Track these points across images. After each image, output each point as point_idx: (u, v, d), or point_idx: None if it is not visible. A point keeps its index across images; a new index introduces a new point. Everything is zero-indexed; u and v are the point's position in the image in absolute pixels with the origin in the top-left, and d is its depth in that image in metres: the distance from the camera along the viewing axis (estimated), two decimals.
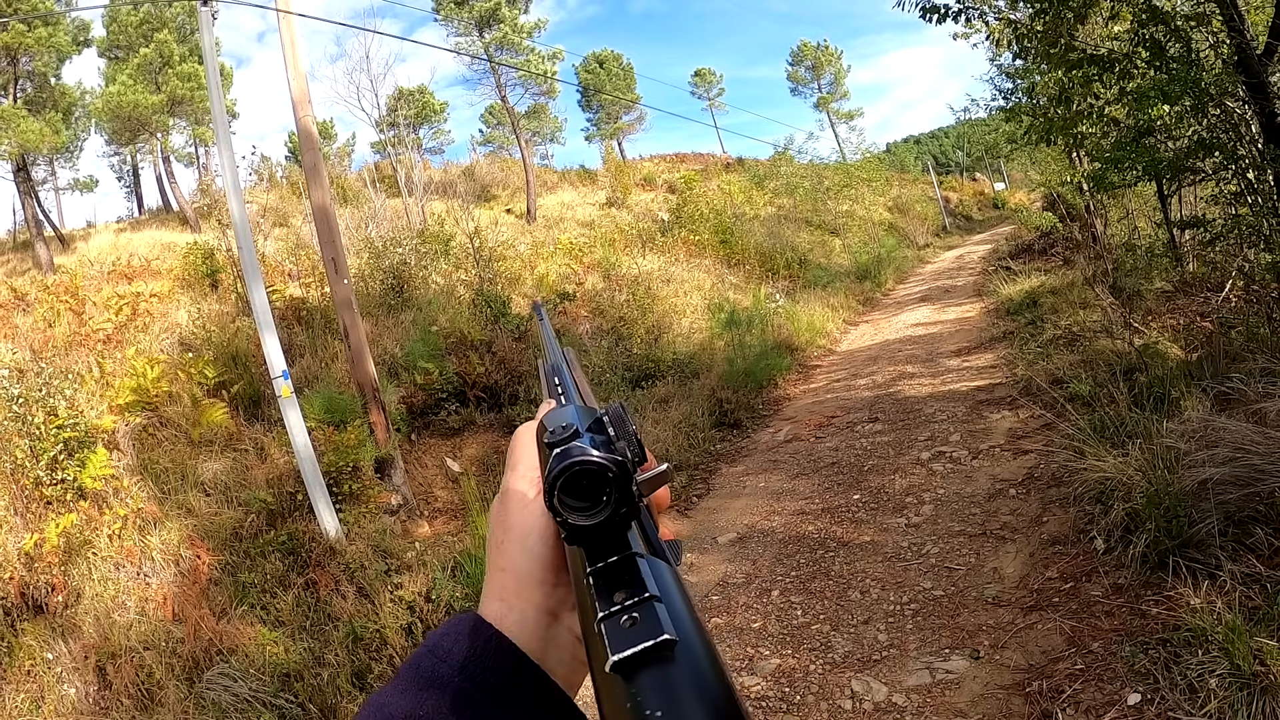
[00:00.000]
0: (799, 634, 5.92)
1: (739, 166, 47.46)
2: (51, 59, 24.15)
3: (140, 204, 41.32)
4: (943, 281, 25.75)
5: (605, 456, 0.62)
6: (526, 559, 0.75)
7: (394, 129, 33.31)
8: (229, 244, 15.52)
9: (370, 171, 32.47)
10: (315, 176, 10.45)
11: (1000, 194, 66.03)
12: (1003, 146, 25.93)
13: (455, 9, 33.36)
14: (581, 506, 0.62)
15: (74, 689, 6.94)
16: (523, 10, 34.64)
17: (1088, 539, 5.86)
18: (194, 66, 26.63)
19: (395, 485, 10.02)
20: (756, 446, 11.22)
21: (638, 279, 18.87)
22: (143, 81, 26.07)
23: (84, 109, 27.76)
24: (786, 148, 39.77)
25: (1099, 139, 10.75)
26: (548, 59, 35.12)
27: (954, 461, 8.46)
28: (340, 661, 6.86)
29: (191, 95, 26.74)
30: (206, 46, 10.10)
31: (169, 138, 29.32)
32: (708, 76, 66.56)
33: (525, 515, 0.77)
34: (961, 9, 9.29)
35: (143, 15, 26.58)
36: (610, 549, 0.62)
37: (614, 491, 0.62)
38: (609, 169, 41.48)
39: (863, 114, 69.40)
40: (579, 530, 0.62)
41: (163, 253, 20.66)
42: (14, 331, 13.92)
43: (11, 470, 8.97)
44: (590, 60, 53.55)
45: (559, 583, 0.75)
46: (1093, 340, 10.61)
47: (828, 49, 67.52)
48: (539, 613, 0.74)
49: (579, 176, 43.84)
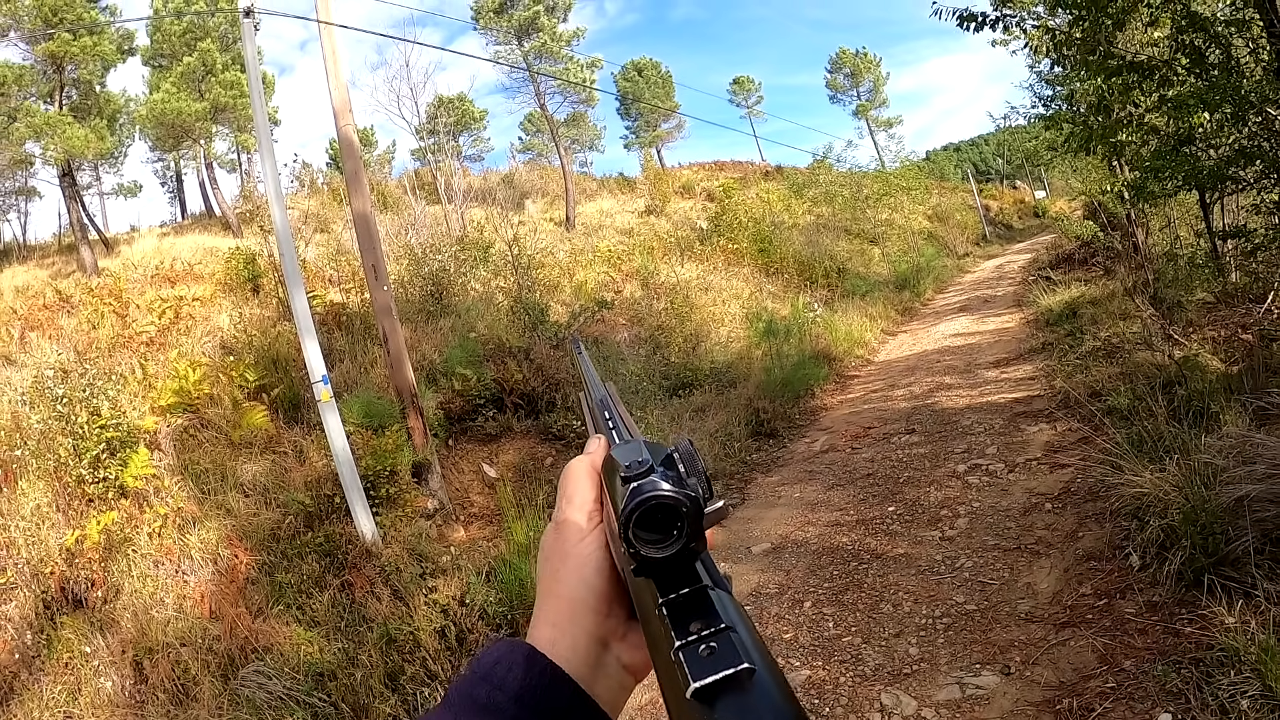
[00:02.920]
0: (830, 646, 5.92)
1: (778, 174, 47.37)
2: (97, 67, 24.43)
3: (183, 209, 41.68)
4: (982, 291, 25.62)
5: (680, 492, 0.64)
6: (583, 588, 0.78)
7: (434, 136, 33.45)
8: (271, 249, 15.65)
9: (410, 178, 32.60)
10: (356, 184, 10.55)
11: (1041, 202, 65.34)
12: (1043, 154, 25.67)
13: (494, 18, 33.48)
14: (654, 539, 0.64)
15: (110, 682, 7.05)
16: (561, 19, 34.71)
17: (1123, 555, 5.82)
18: (236, 75, 26.84)
19: (432, 490, 10.09)
20: (792, 457, 11.21)
21: (676, 287, 18.88)
22: (186, 89, 26.31)
23: (128, 116, 28.06)
24: (825, 156, 39.60)
25: (1138, 148, 10.64)
26: (586, 67, 35.17)
27: (990, 474, 8.41)
28: (374, 662, 6.92)
29: (234, 103, 26.96)
30: (249, 56, 10.21)
31: (212, 144, 29.61)
32: (746, 84, 66.21)
33: (582, 546, 0.80)
34: (999, 17, 9.24)
35: (186, 25, 26.82)
36: (681, 581, 0.65)
37: (686, 526, 0.64)
38: (648, 177, 41.42)
39: (902, 121, 68.73)
40: (651, 562, 0.65)
41: (205, 257, 20.87)
42: (59, 332, 14.13)
43: (54, 468, 9.15)
44: (629, 68, 53.52)
45: (610, 613, 0.78)
46: (1132, 352, 10.51)
47: (866, 56, 67.02)
48: (591, 640, 0.76)
49: (618, 184, 43.85)
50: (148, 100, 27.11)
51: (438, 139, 33.61)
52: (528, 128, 52.57)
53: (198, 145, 29.18)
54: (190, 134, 27.60)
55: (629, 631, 0.78)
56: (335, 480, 9.29)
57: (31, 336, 14.02)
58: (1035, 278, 22.44)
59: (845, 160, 39.61)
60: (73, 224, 23.72)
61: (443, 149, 32.91)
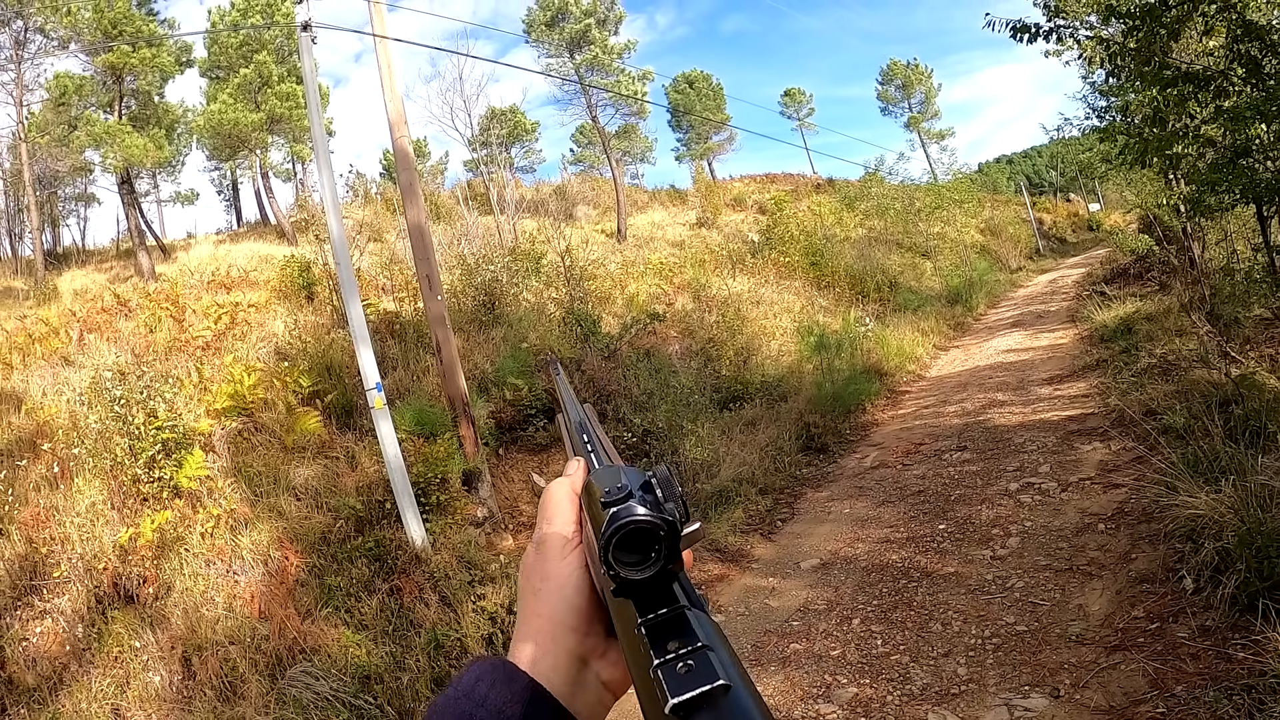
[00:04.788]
0: (878, 664, 5.90)
1: (829, 187, 47.08)
2: (155, 78, 24.84)
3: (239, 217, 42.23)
4: (1035, 306, 25.40)
5: (657, 516, 0.67)
6: (564, 607, 0.80)
7: (486, 148, 33.71)
8: (325, 257, 15.81)
9: (463, 189, 32.88)
10: (411, 195, 10.65)
11: (1095, 215, 64.56)
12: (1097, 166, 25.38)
13: (546, 31, 33.65)
14: (633, 561, 0.67)
15: (158, 677, 7.16)
16: (613, 32, 34.80)
17: (1176, 578, 5.76)
18: (292, 86, 27.18)
19: (482, 498, 10.15)
20: (843, 472, 11.18)
21: (727, 300, 18.86)
22: (242, 100, 26.67)
23: (186, 126, 28.50)
24: (877, 168, 39.41)
25: (1195, 160, 10.51)
26: (638, 80, 35.20)
27: (1042, 493, 8.34)
28: (421, 667, 7.00)
29: (289, 114, 27.29)
30: (306, 70, 10.35)
31: (267, 154, 29.95)
32: (797, 96, 65.85)
33: (563, 566, 0.82)
34: (1053, 28, 9.18)
35: (243, 37, 27.19)
36: (659, 601, 0.67)
37: (663, 548, 0.68)
38: (699, 189, 41.46)
39: (954, 133, 67.80)
40: (630, 583, 0.68)
41: (260, 264, 21.11)
42: (116, 335, 14.31)
43: (110, 467, 9.30)
44: (680, 81, 53.39)
45: (590, 632, 0.80)
46: (1188, 370, 10.37)
47: (918, 67, 66.34)
48: (571, 659, 0.78)
49: (669, 196, 43.91)
50: (205, 111, 27.54)
51: (490, 150, 33.90)
52: (579, 139, 52.77)
53: (253, 155, 29.55)
54: (246, 144, 27.96)
55: (608, 649, 0.80)
56: (386, 486, 9.38)
57: (89, 338, 14.22)
58: (1089, 293, 22.21)
59: (897, 173, 39.43)
60: (131, 230, 24.10)
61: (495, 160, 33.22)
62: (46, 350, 13.59)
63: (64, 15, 22.47)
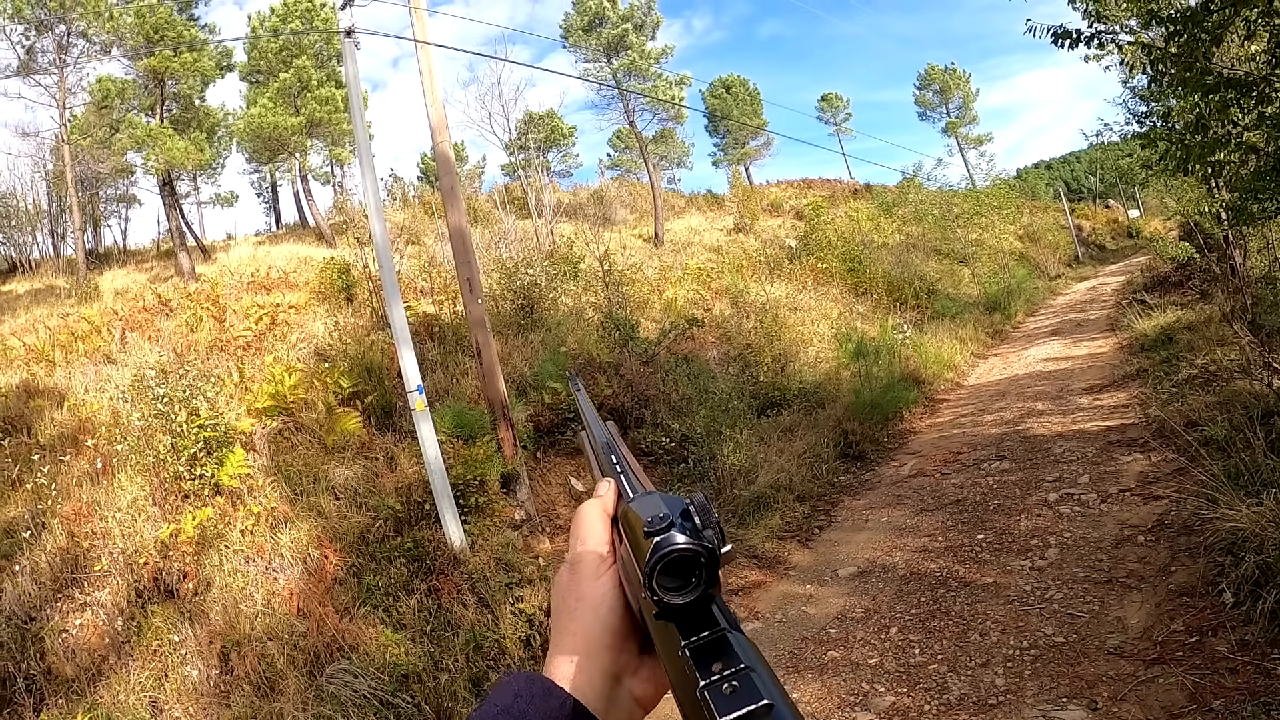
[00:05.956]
0: (915, 673, 5.90)
1: (866, 193, 46.97)
2: (196, 82, 25.06)
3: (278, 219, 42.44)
4: (1074, 315, 25.23)
5: (698, 543, 0.71)
6: (598, 626, 0.83)
7: (524, 152, 33.77)
8: (364, 260, 15.92)
9: (500, 193, 33.05)
10: (452, 199, 10.71)
11: (1135, 222, 64.07)
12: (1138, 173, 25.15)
13: (583, 36, 33.69)
14: (675, 586, 0.71)
15: (196, 671, 7.26)
16: (650, 37, 34.76)
17: (1216, 592, 5.73)
18: (331, 91, 27.42)
19: (519, 501, 10.20)
20: (880, 480, 11.17)
21: (765, 306, 18.81)
22: (282, 104, 26.91)
23: (226, 129, 28.74)
24: (914, 174, 39.22)
25: (1237, 167, 10.41)
26: (675, 84, 35.17)
27: (1082, 504, 8.30)
28: (459, 667, 7.06)
29: (329, 118, 27.51)
30: (350, 76, 10.43)
31: (306, 157, 30.17)
32: (834, 101, 65.55)
33: (598, 586, 0.85)
34: (1094, 34, 9.13)
35: (282, 42, 27.42)
36: (700, 624, 0.70)
37: (703, 574, 0.71)
38: (736, 194, 41.35)
39: (992, 139, 67.13)
40: (673, 608, 0.71)
41: (299, 266, 21.29)
42: (157, 334, 14.48)
43: (153, 463, 9.41)
44: (717, 85, 53.16)
45: (624, 649, 0.83)
46: (1230, 381, 10.28)
47: (955, 72, 65.77)
48: (605, 676, 0.81)
49: (706, 201, 43.90)
50: (245, 114, 27.83)
51: (527, 154, 33.97)
52: (616, 144, 52.85)
53: (293, 158, 29.83)
54: (285, 147, 28.24)
55: (640, 666, 0.84)
56: (425, 487, 9.45)
57: (131, 337, 14.40)
58: (1129, 301, 22.07)
59: (935, 178, 39.19)
60: (171, 231, 24.41)
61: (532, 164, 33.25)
62: (89, 348, 13.79)
63: (106, 20, 22.76)
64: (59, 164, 25.78)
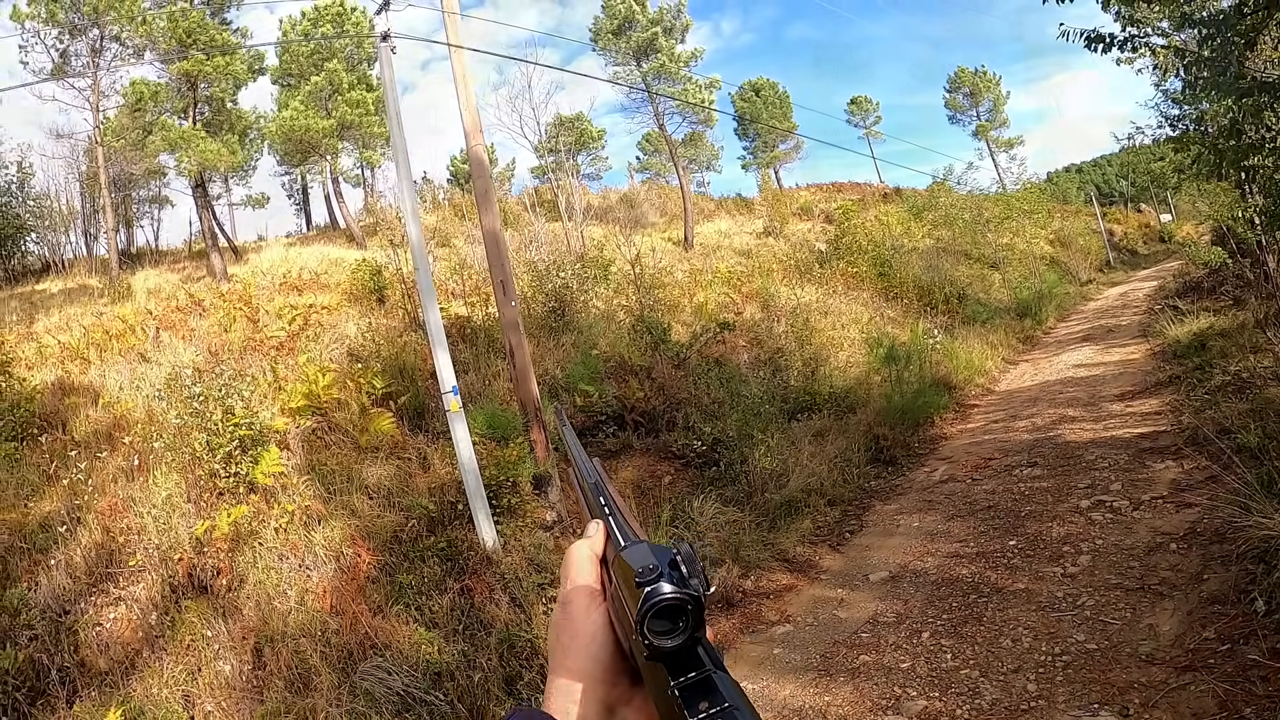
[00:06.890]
0: (947, 678, 5.92)
1: (896, 197, 46.76)
2: (228, 85, 25.23)
3: (309, 220, 42.75)
4: (1106, 320, 25.08)
5: (684, 592, 0.76)
6: (591, 662, 0.89)
7: (553, 155, 33.84)
8: (396, 261, 16.01)
9: (530, 195, 33.13)
10: (486, 202, 10.78)
11: (1167, 226, 63.56)
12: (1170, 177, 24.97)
13: (613, 39, 33.67)
14: (664, 631, 0.76)
15: (229, 666, 7.36)
16: (679, 40, 34.69)
17: (1248, 600, 5.72)
18: (362, 94, 27.61)
19: (551, 502, 10.25)
20: (911, 485, 11.17)
21: (795, 310, 18.78)
22: (313, 107, 27.13)
23: (258, 132, 28.92)
24: (945, 178, 39.11)
25: (1271, 172, 10.35)
26: (704, 88, 35.07)
27: (1114, 511, 8.28)
28: (492, 666, 7.12)
29: (359, 120, 27.70)
30: (387, 79, 10.49)
31: (337, 159, 30.40)
32: (864, 104, 65.16)
33: (588, 623, 0.91)
34: (1127, 38, 9.12)
35: (313, 46, 27.65)
36: (688, 665, 0.76)
37: (690, 620, 0.77)
38: (766, 198, 41.28)
39: (1023, 142, 66.63)
40: (662, 651, 0.76)
41: (330, 267, 21.45)
42: (190, 334, 14.62)
43: (189, 461, 9.51)
44: (746, 88, 53.00)
45: (616, 682, 0.89)
46: (1263, 388, 10.23)
47: (986, 74, 65.16)
48: (601, 708, 0.88)
49: (736, 205, 43.90)
50: (277, 117, 28.01)
51: (557, 157, 34.05)
52: (645, 147, 52.96)
53: (324, 160, 30.02)
54: (317, 149, 28.45)
55: (633, 697, 0.89)
56: (458, 487, 9.52)
57: (165, 336, 14.53)
58: (1161, 307, 21.91)
59: (965, 182, 39.07)
60: (204, 232, 24.60)
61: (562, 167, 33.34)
62: (123, 346, 13.93)
63: (139, 24, 22.96)
64: (93, 165, 26.07)
